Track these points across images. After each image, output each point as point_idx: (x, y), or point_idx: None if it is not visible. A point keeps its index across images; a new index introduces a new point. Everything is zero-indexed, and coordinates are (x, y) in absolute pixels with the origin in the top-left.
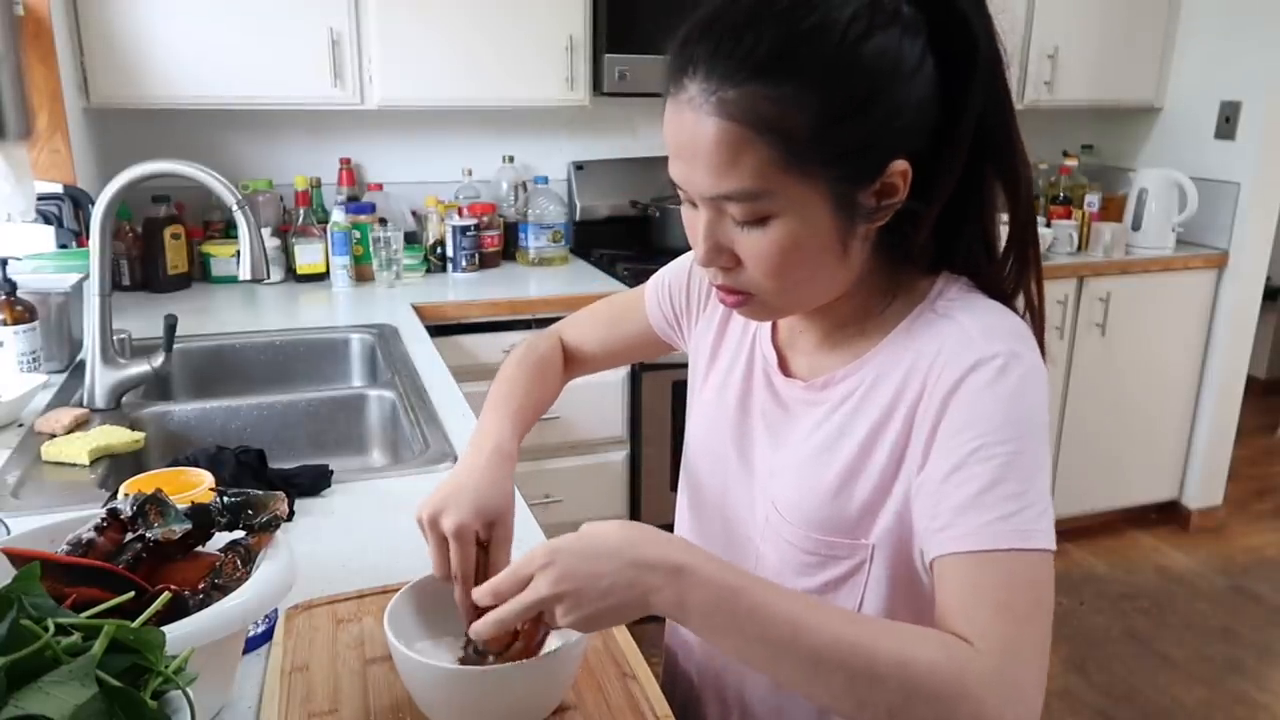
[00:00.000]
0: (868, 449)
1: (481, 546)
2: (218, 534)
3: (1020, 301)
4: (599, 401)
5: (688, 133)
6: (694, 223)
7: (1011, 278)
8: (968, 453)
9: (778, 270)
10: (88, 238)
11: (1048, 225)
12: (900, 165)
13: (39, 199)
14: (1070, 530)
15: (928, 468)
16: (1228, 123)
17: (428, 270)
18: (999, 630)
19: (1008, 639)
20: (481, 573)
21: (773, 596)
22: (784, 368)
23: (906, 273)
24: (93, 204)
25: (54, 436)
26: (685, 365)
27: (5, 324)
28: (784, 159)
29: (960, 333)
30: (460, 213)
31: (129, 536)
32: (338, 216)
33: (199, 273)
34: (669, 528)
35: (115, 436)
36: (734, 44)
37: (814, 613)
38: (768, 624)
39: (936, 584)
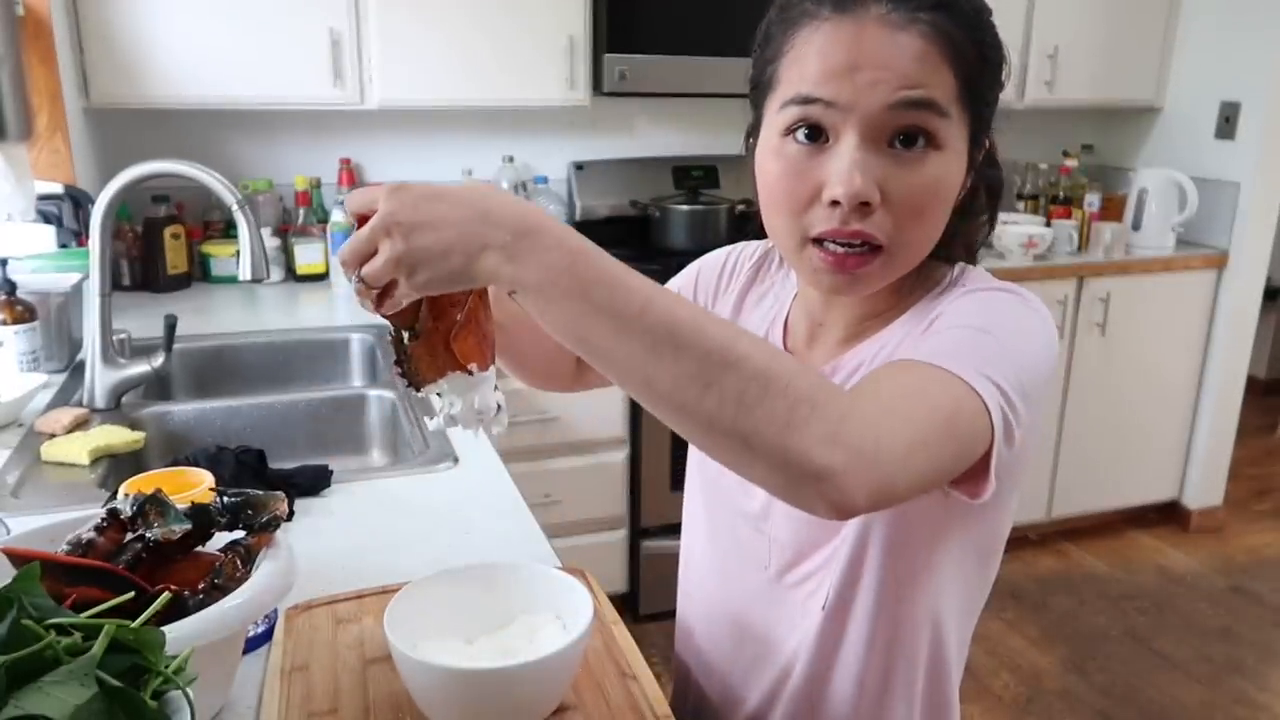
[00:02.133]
0: None
1: None
2: (218, 534)
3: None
4: (599, 401)
5: (872, 46)
6: (806, 170)
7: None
8: (944, 327)
9: (919, 212)
10: (88, 238)
11: (1047, 225)
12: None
13: (39, 199)
14: (1070, 530)
15: None
16: (1228, 123)
17: None
18: (887, 402)
19: (892, 409)
20: None
21: (632, 275)
22: None
23: (932, 260)
24: (93, 204)
25: (54, 436)
26: None
27: (5, 324)
28: (960, 90)
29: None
30: None
31: (129, 536)
32: (338, 216)
33: (199, 273)
34: (672, 528)
35: (115, 436)
36: None
37: (672, 295)
38: (618, 293)
39: None
